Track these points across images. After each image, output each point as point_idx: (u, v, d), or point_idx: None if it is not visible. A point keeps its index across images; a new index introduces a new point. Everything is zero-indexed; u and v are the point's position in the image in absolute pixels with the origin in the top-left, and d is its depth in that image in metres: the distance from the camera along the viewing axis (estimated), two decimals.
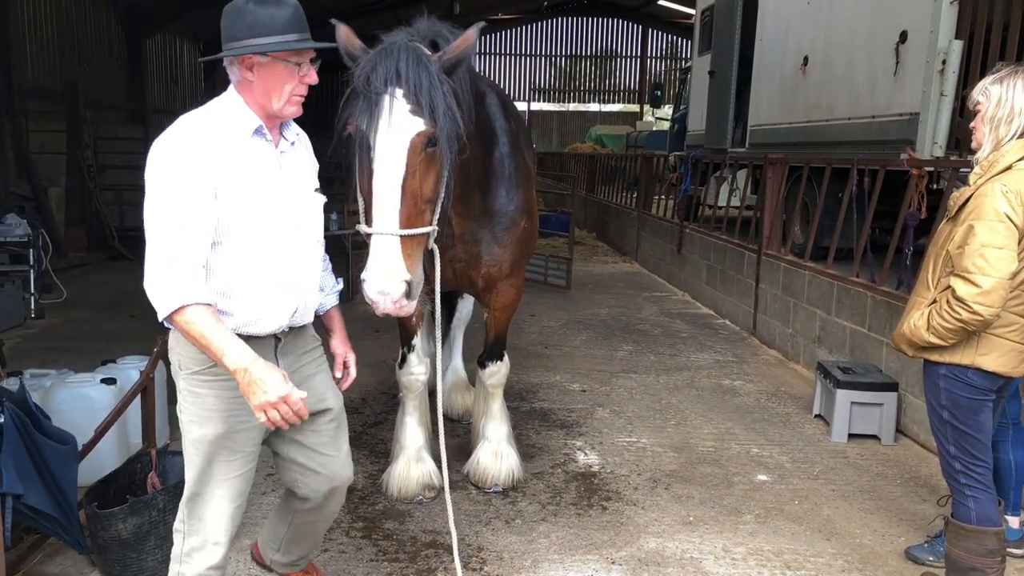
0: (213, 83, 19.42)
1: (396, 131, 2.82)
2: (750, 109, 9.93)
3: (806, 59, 8.33)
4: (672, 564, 3.69)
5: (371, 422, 5.41)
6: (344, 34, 3.04)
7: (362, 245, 3.09)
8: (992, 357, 3.02)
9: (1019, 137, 3.02)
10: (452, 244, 3.86)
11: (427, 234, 2.96)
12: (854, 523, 4.12)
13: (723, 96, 10.63)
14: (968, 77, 5.79)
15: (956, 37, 5.92)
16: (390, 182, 2.83)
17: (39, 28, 13.51)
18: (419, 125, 2.83)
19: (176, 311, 2.33)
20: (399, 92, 2.83)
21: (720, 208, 10.28)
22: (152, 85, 18.04)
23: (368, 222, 2.87)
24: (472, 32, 3.06)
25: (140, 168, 2.58)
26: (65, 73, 13.74)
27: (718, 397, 6.12)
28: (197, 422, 2.55)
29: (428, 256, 3.48)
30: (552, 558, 3.71)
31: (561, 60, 29.58)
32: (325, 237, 2.89)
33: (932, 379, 3.16)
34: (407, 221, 2.84)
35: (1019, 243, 2.95)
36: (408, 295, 2.81)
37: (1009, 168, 2.98)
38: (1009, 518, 3.69)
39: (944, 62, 5.93)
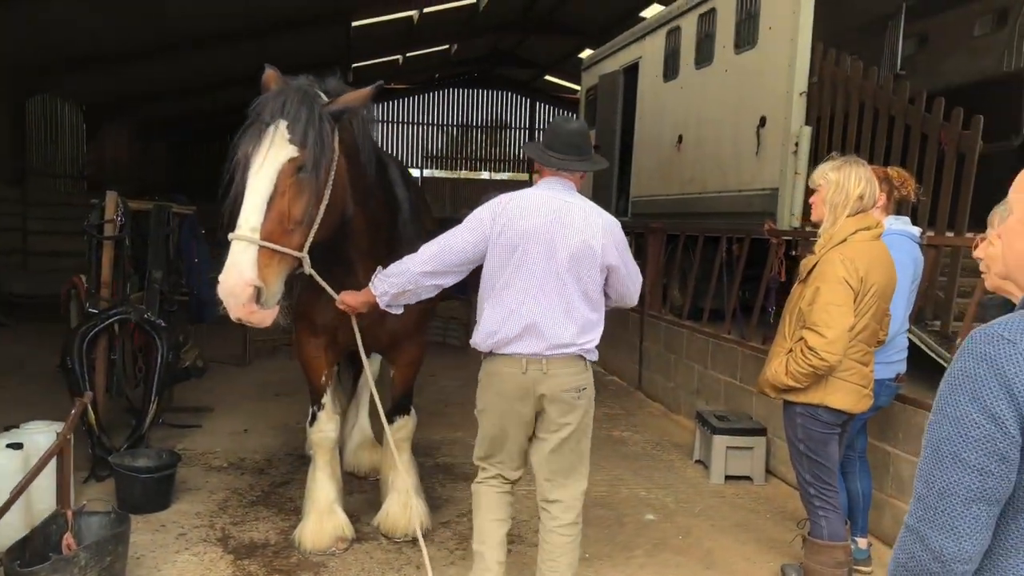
0: (99, 146, 19.09)
1: (272, 154, 3.24)
2: (632, 181, 10.65)
3: (680, 137, 9.11)
4: None
5: (279, 482, 5.55)
6: (267, 76, 3.49)
7: None
8: (838, 396, 3.56)
9: (851, 215, 3.63)
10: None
11: (291, 257, 3.28)
12: (731, 553, 4.59)
13: (607, 169, 11.34)
14: (817, 157, 6.57)
15: (806, 123, 6.74)
16: (257, 196, 3.20)
17: None
18: (292, 152, 3.26)
19: None
20: (282, 124, 3.28)
21: None
22: (32, 147, 17.58)
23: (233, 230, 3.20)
24: (368, 89, 3.53)
25: (17, 231, 2.88)
26: None
27: (609, 447, 6.57)
28: None
29: (343, 314, 3.80)
30: None
31: (453, 129, 30.39)
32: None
33: (790, 417, 3.68)
34: (268, 235, 3.19)
35: (855, 301, 3.53)
36: (258, 300, 3.13)
37: (845, 240, 3.58)
38: (858, 539, 4.24)
39: (797, 144, 6.72)
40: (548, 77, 26.56)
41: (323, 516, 4.44)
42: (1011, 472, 1.41)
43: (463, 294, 12.02)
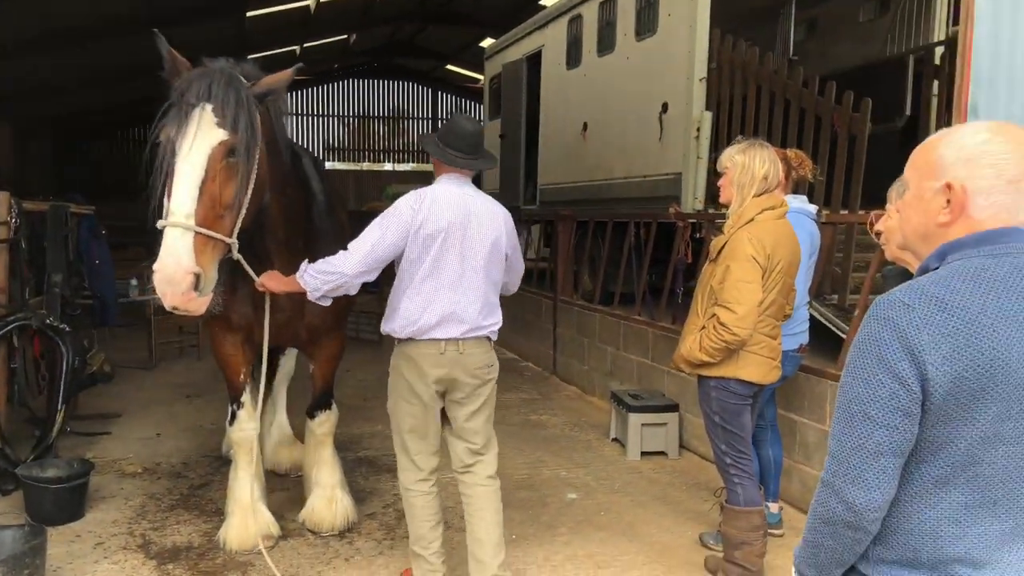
0: None
1: (201, 138, 3.21)
2: (539, 169, 10.79)
3: (586, 125, 9.28)
4: None
5: (197, 484, 5.43)
6: (171, 54, 3.42)
7: (164, 311, 3.39)
8: (748, 369, 3.74)
9: (757, 196, 3.80)
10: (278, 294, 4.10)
11: (224, 242, 3.27)
12: (651, 525, 4.76)
13: (514, 158, 11.45)
14: (718, 142, 6.82)
15: (706, 108, 6.98)
16: (189, 181, 3.18)
17: None
18: (222, 135, 3.24)
19: None
20: (209, 107, 3.25)
21: None
22: None
23: (165, 217, 3.17)
24: (289, 71, 3.55)
25: None
26: None
27: (528, 431, 6.68)
28: None
29: (255, 302, 3.80)
30: None
31: (353, 120, 29.97)
32: (124, 303, 3.24)
33: (705, 391, 3.84)
34: (202, 220, 3.18)
35: (763, 278, 3.70)
36: (196, 287, 3.12)
37: (752, 220, 3.74)
38: (770, 504, 4.46)
39: (698, 129, 6.96)
40: (450, 67, 26.47)
41: (247, 515, 4.37)
42: (913, 426, 1.53)
43: (376, 288, 11.96)
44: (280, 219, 3.82)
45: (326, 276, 3.55)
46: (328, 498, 4.63)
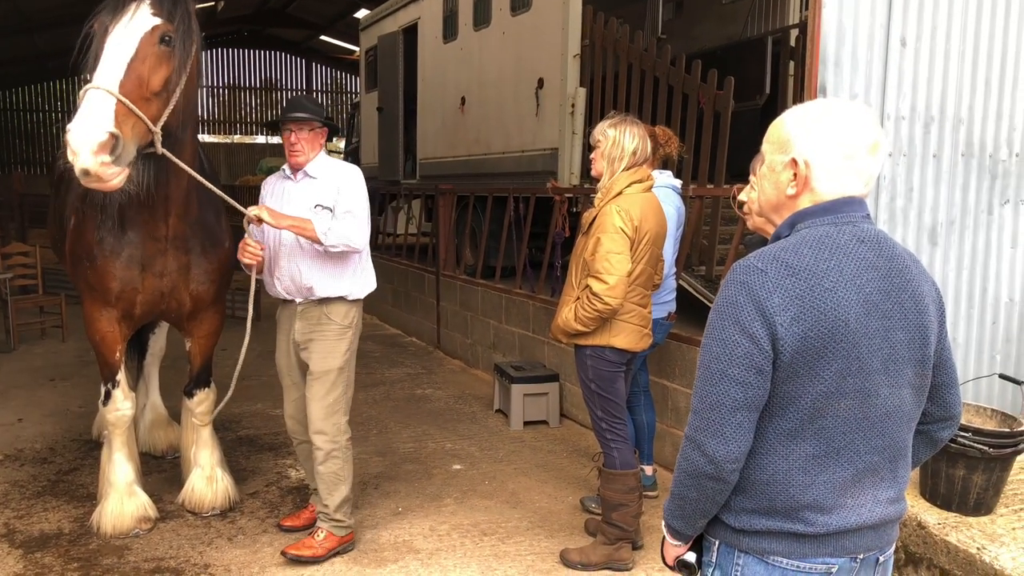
0: None
1: (135, 21, 3.32)
2: (418, 143, 10.74)
3: (463, 99, 9.29)
4: (388, 548, 4.18)
5: (65, 469, 5.22)
6: None
7: (22, 291, 3.45)
8: (621, 337, 3.90)
9: (626, 170, 3.95)
10: (164, 250, 4.02)
11: (146, 125, 3.29)
12: (534, 492, 4.91)
13: (392, 131, 11.34)
14: (592, 117, 6.99)
15: (580, 85, 7.13)
16: (117, 56, 3.24)
17: None
18: (156, 21, 3.36)
19: None
20: (146, 3, 3.37)
21: (399, 236, 11.01)
22: None
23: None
24: None
25: None
26: None
27: (413, 405, 6.73)
28: None
29: (143, 263, 3.80)
30: (278, 562, 4.01)
31: (223, 91, 28.84)
32: None
33: (581, 359, 3.99)
34: (127, 93, 3.21)
35: (631, 249, 3.86)
36: (113, 151, 3.11)
37: (620, 193, 3.89)
38: (645, 467, 4.69)
39: (573, 105, 7.11)
40: (324, 37, 25.80)
41: (123, 497, 4.28)
42: (766, 383, 1.68)
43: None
44: (188, 160, 3.77)
45: (343, 238, 3.81)
46: (208, 477, 4.57)
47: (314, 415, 3.98)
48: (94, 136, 3.06)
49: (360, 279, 4.08)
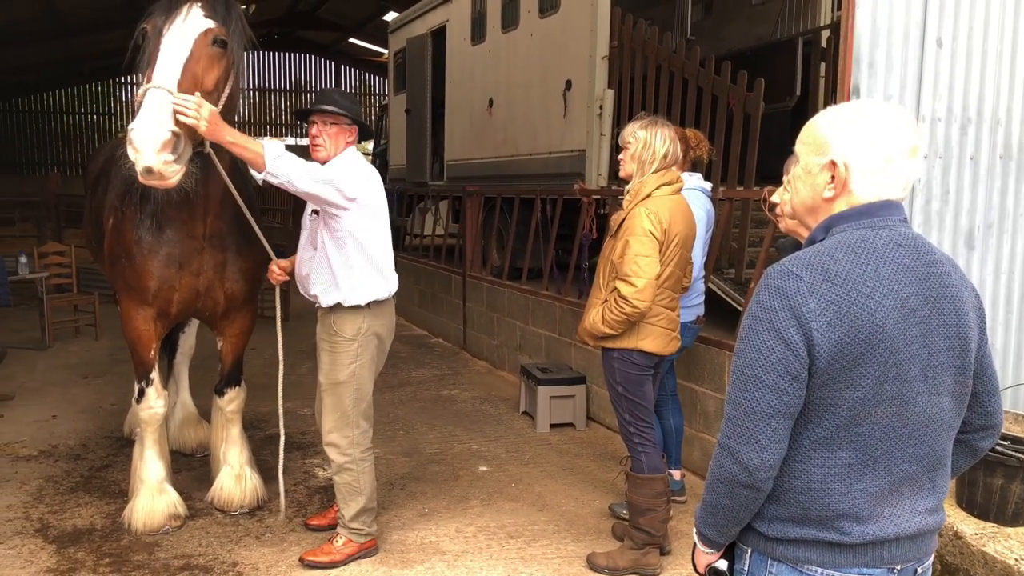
0: None
1: (189, 23, 3.42)
2: (445, 145, 10.75)
3: (491, 101, 9.28)
4: (414, 549, 4.18)
5: (98, 466, 5.29)
6: None
7: (57, 290, 3.52)
8: (649, 340, 3.88)
9: (656, 172, 3.92)
10: (201, 248, 4.07)
11: (199, 126, 3.31)
12: (560, 495, 4.90)
13: (420, 133, 11.37)
14: (619, 119, 6.97)
15: (608, 86, 7.10)
16: (175, 56, 3.33)
17: None
18: (209, 23, 3.46)
19: None
20: (197, 4, 3.47)
21: (426, 237, 11.03)
22: None
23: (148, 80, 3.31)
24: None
25: None
26: None
27: (439, 406, 6.74)
28: None
29: (182, 261, 3.93)
30: None
31: (253, 93, 29.12)
32: (14, 282, 3.37)
33: (608, 362, 3.97)
34: (184, 93, 3.28)
35: (660, 252, 3.83)
36: (175, 150, 3.20)
37: (650, 195, 3.87)
38: (672, 472, 4.65)
39: (601, 107, 7.08)
40: (353, 40, 25.95)
41: (153, 495, 4.32)
42: (801, 389, 1.65)
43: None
44: (229, 161, 3.81)
45: (288, 175, 3.47)
46: (237, 475, 4.61)
47: (324, 427, 4.02)
48: (158, 135, 3.13)
49: (360, 286, 3.81)
